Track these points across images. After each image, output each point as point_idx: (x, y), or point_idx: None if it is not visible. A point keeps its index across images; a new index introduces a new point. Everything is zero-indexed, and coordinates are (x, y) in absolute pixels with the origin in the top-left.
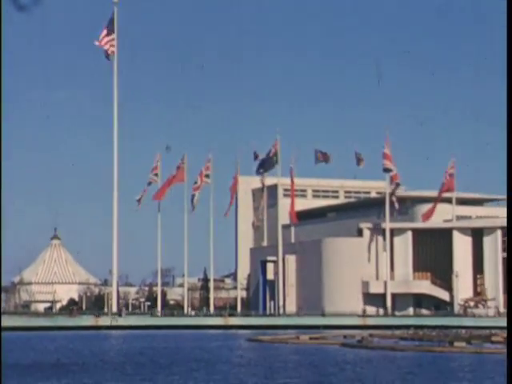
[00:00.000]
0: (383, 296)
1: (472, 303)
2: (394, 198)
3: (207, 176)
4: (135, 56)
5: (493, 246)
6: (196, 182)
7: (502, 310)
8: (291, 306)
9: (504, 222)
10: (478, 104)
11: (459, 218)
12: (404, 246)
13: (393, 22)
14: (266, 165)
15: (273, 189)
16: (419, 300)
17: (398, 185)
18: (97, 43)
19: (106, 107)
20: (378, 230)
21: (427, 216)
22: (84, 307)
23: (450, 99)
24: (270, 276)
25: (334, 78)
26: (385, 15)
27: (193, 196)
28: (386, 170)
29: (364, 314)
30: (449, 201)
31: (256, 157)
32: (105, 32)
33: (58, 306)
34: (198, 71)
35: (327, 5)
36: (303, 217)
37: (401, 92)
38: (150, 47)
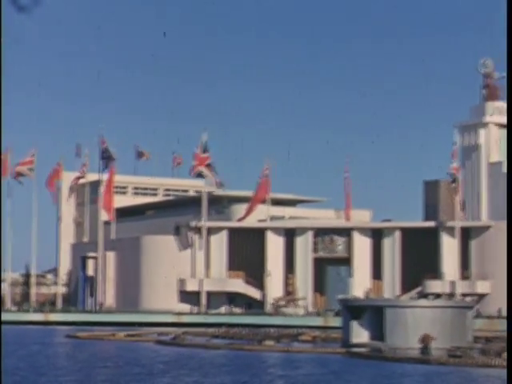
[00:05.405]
0: (198, 294)
1: (282, 302)
2: (215, 181)
3: (31, 170)
4: None
5: (304, 247)
6: (21, 175)
7: (311, 309)
8: (110, 303)
9: (315, 224)
10: (292, 108)
11: (273, 218)
12: (219, 244)
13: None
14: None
15: (95, 185)
16: (233, 298)
17: (211, 169)
18: None
19: None
20: (194, 229)
21: (246, 215)
22: None
23: (267, 104)
24: (90, 272)
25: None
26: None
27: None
28: (199, 175)
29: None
30: (263, 201)
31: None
32: None
33: None
34: (32, 63)
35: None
36: (123, 214)
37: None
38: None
